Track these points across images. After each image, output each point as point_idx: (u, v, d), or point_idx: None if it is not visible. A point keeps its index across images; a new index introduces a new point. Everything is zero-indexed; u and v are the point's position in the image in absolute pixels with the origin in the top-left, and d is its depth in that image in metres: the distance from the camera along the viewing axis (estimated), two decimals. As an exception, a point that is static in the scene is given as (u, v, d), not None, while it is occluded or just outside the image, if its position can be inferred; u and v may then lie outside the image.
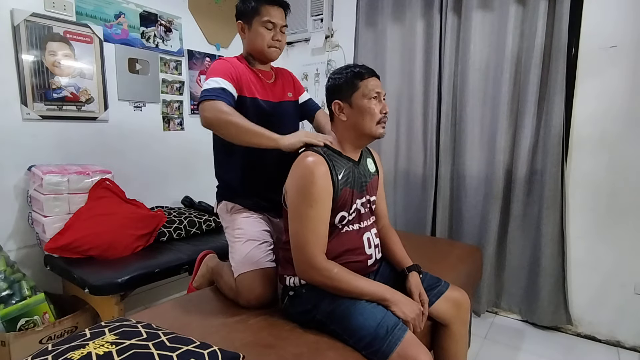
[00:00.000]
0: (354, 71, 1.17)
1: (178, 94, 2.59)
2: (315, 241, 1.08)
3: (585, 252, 2.02)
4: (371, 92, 1.15)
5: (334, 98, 1.20)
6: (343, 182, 1.14)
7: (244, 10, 1.39)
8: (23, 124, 1.90)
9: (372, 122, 1.15)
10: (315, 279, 1.09)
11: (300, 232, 1.09)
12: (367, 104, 1.15)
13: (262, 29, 1.36)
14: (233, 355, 0.87)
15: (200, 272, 1.61)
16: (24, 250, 1.95)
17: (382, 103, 1.18)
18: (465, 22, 2.21)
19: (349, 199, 1.15)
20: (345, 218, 1.16)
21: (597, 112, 1.94)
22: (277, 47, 1.41)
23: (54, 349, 0.81)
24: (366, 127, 1.16)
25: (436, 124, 2.38)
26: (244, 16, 1.39)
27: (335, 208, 1.12)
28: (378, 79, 1.19)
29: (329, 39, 2.90)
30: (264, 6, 1.35)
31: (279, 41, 1.40)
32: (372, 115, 1.15)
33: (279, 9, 1.38)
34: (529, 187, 2.12)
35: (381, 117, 1.16)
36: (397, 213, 2.59)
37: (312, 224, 1.08)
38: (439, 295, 1.22)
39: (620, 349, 1.95)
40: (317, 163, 1.09)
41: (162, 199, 2.49)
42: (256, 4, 1.35)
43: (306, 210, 1.08)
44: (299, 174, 1.10)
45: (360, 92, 1.15)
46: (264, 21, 1.35)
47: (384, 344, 0.98)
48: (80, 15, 2.08)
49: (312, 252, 1.07)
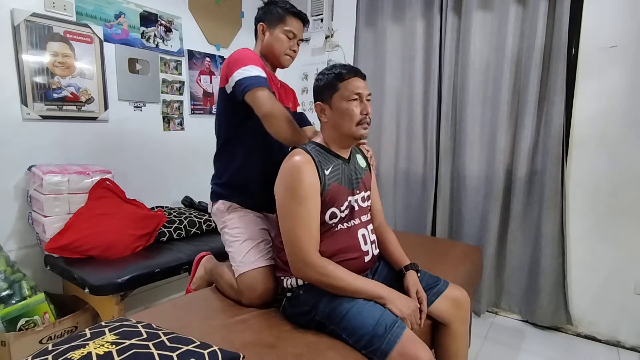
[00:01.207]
0: (335, 72, 1.17)
1: (178, 94, 2.59)
2: (308, 238, 1.08)
3: (585, 252, 2.02)
4: (351, 94, 1.14)
5: (316, 99, 1.22)
6: (331, 178, 1.15)
7: (269, 14, 1.44)
8: (23, 124, 1.90)
9: (352, 123, 1.15)
10: (310, 277, 1.09)
11: (292, 230, 1.09)
12: (346, 106, 1.15)
13: (283, 36, 1.43)
14: (233, 355, 0.87)
15: (198, 274, 1.61)
16: (24, 250, 1.95)
17: (364, 104, 1.17)
18: (465, 22, 2.22)
19: (338, 195, 1.16)
20: (336, 215, 1.16)
21: (597, 112, 1.94)
22: (291, 56, 1.48)
23: (54, 349, 0.81)
24: (345, 128, 1.16)
25: (436, 124, 2.38)
26: (268, 19, 1.44)
27: (324, 204, 1.13)
28: (362, 79, 1.18)
29: (329, 39, 2.90)
30: (290, 17, 1.43)
31: (294, 51, 1.48)
32: (351, 117, 1.15)
33: (301, 22, 1.47)
34: (529, 187, 2.13)
35: (361, 118, 1.16)
36: (397, 213, 2.59)
37: (302, 222, 1.08)
38: (439, 294, 1.22)
39: (620, 349, 1.95)
40: (303, 161, 1.11)
41: (162, 199, 2.49)
42: (283, 12, 1.42)
43: (296, 208, 1.08)
44: (286, 173, 1.12)
45: (339, 93, 1.16)
46: (287, 30, 1.43)
47: (383, 342, 0.98)
48: (80, 15, 2.08)
49: (305, 249, 1.08)
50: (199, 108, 2.73)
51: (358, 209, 1.22)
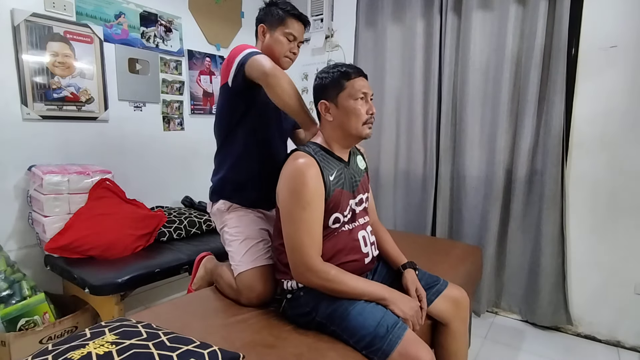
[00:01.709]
0: (341, 71, 1.16)
1: (178, 94, 2.59)
2: (311, 243, 1.08)
3: (585, 252, 2.02)
4: (357, 93, 1.14)
5: (320, 98, 1.19)
6: (335, 184, 1.14)
7: (270, 15, 1.43)
8: (23, 124, 1.90)
9: (358, 122, 1.15)
10: (313, 282, 1.09)
11: (295, 235, 1.08)
12: (353, 105, 1.14)
13: (283, 38, 1.41)
14: (233, 355, 0.87)
15: (199, 274, 1.61)
16: (24, 250, 1.95)
17: (369, 104, 1.17)
18: (465, 22, 2.21)
19: (342, 201, 1.15)
20: (340, 220, 1.16)
21: (597, 112, 1.94)
22: (291, 58, 1.46)
23: (54, 348, 0.81)
24: (352, 127, 1.16)
25: (436, 124, 2.38)
26: (268, 21, 1.43)
27: (328, 210, 1.12)
28: (365, 78, 1.19)
29: (329, 39, 2.90)
30: (291, 19, 1.41)
31: (294, 54, 1.46)
32: (357, 116, 1.14)
33: (302, 25, 1.45)
34: (529, 187, 2.13)
35: (367, 117, 1.16)
36: (397, 213, 2.59)
37: (306, 226, 1.07)
38: (438, 294, 1.22)
39: (620, 349, 1.95)
40: (308, 165, 1.09)
41: (162, 199, 2.49)
42: (284, 14, 1.41)
43: (300, 213, 1.07)
44: (290, 176, 1.10)
45: (347, 92, 1.15)
46: (287, 32, 1.41)
47: (385, 342, 0.98)
48: (80, 15, 2.08)
49: (308, 255, 1.07)
50: (199, 108, 2.73)
51: (357, 212, 1.22)
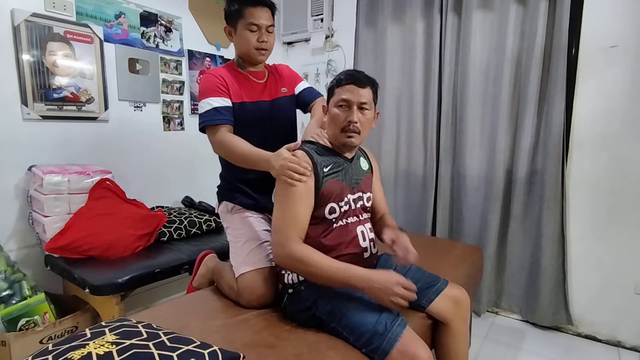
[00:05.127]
0: (337, 77, 1.20)
1: (178, 94, 2.59)
2: (290, 225, 1.10)
3: (585, 252, 2.02)
4: (339, 101, 1.17)
5: (327, 99, 1.27)
6: (328, 174, 1.17)
7: (229, 13, 1.38)
8: (23, 124, 1.90)
9: (336, 129, 1.19)
10: (287, 263, 1.11)
11: (278, 216, 1.13)
12: (333, 112, 1.19)
13: (246, 32, 1.34)
14: (233, 355, 0.87)
15: (200, 272, 1.61)
16: (25, 250, 1.95)
17: (350, 111, 1.16)
18: (465, 22, 2.21)
19: (338, 191, 1.18)
20: (335, 210, 1.18)
21: (597, 112, 1.94)
22: (265, 48, 1.38)
23: (54, 349, 0.81)
24: (331, 133, 1.22)
25: (436, 124, 2.38)
26: (229, 20, 1.38)
27: (323, 198, 1.15)
28: (360, 87, 1.16)
29: (329, 39, 2.90)
30: (247, 8, 1.33)
31: (265, 42, 1.37)
32: (335, 122, 1.18)
33: (262, 8, 1.35)
34: (529, 187, 2.12)
35: (345, 125, 1.16)
36: (397, 213, 2.59)
37: (290, 211, 1.11)
38: (438, 293, 1.23)
39: (620, 349, 1.95)
40: (299, 156, 1.14)
41: (162, 199, 2.49)
42: (239, 6, 1.34)
43: (286, 199, 1.12)
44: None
45: (333, 99, 1.20)
46: (248, 24, 1.33)
47: (384, 340, 0.98)
48: (80, 16, 2.08)
49: (285, 235, 1.10)
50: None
51: (356, 207, 1.24)
